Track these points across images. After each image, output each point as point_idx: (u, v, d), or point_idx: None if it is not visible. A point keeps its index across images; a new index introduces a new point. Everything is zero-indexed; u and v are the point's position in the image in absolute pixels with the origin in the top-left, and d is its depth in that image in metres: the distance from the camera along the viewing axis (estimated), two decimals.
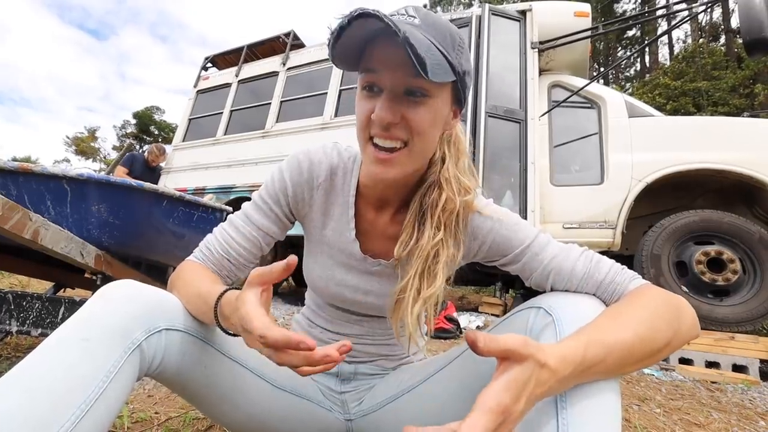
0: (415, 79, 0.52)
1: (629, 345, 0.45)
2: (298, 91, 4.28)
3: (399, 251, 0.63)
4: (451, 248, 0.62)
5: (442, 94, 0.56)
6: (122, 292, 0.51)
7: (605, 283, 0.57)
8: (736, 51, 12.54)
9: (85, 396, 0.41)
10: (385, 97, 0.54)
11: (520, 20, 3.22)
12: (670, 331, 0.49)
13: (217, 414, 0.64)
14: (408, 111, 0.54)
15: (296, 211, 0.70)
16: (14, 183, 1.31)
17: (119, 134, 32.92)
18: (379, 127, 0.55)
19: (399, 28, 0.46)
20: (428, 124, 0.56)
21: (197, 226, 1.56)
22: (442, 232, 0.61)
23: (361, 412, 0.74)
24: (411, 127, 0.55)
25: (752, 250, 2.39)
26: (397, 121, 0.54)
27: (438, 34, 0.53)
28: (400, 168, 0.58)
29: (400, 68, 0.52)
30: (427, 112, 0.55)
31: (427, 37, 0.51)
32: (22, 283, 3.44)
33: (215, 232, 0.68)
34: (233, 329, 0.51)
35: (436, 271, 0.61)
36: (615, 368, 0.45)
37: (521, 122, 2.99)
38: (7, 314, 1.26)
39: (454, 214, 0.62)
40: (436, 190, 0.62)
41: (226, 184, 4.13)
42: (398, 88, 0.54)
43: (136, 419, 1.05)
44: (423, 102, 0.55)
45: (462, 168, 0.65)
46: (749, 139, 2.59)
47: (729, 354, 2.14)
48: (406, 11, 0.54)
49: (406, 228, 0.64)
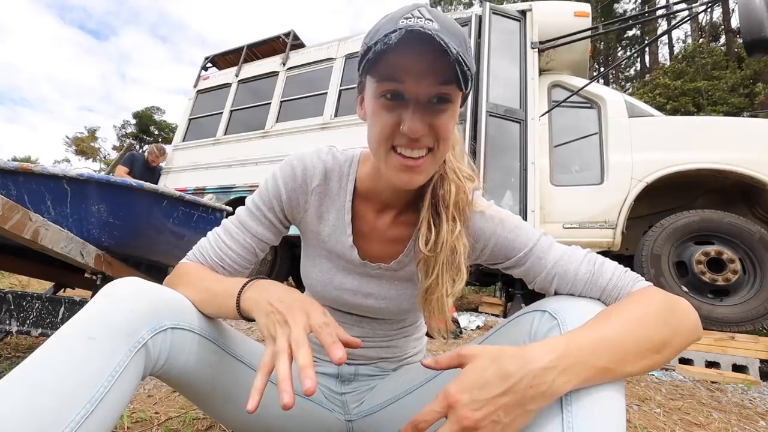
0: (442, 87, 0.52)
1: (620, 340, 0.45)
2: (298, 91, 4.28)
3: (423, 247, 0.61)
4: (465, 239, 0.62)
5: (458, 98, 0.56)
6: (128, 290, 0.50)
7: (609, 287, 0.57)
8: (736, 51, 12.54)
9: (91, 395, 0.41)
10: (413, 108, 0.52)
11: (520, 20, 3.22)
12: (669, 331, 0.48)
13: (220, 413, 0.64)
14: (434, 119, 0.54)
15: (291, 217, 0.69)
16: (14, 183, 1.31)
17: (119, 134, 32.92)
18: (407, 138, 0.54)
19: (449, 46, 0.46)
20: (451, 129, 0.56)
21: (197, 226, 1.56)
22: (459, 224, 0.61)
23: (362, 413, 0.73)
24: (438, 134, 0.54)
25: (752, 250, 2.39)
26: (426, 132, 0.54)
27: (455, 38, 0.51)
28: (426, 174, 0.58)
29: (426, 77, 0.51)
30: (450, 118, 0.55)
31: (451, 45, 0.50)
32: (22, 283, 3.44)
33: (209, 237, 0.68)
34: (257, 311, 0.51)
35: (460, 264, 0.61)
36: (615, 367, 0.44)
37: (521, 122, 2.98)
38: (7, 314, 1.26)
39: (465, 203, 0.62)
40: (445, 182, 0.62)
41: (226, 184, 4.13)
42: (424, 96, 0.53)
43: (136, 419, 1.05)
44: (447, 108, 0.54)
45: (458, 155, 0.66)
46: (749, 139, 2.59)
47: (729, 354, 2.14)
48: (422, 14, 0.51)
49: (422, 223, 0.63)
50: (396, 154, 0.55)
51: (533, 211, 2.75)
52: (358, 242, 0.68)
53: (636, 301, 0.52)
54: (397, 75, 0.52)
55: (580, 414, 0.42)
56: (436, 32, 0.47)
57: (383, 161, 0.57)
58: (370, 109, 0.57)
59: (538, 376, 0.41)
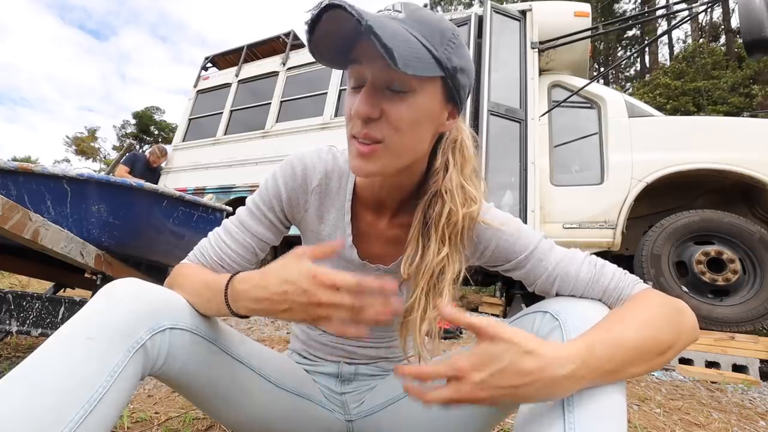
0: (395, 72, 0.48)
1: (635, 344, 0.45)
2: (298, 91, 4.28)
3: (406, 268, 0.60)
4: (457, 264, 0.60)
5: (428, 90, 0.53)
6: (126, 291, 0.50)
7: (610, 288, 0.57)
8: (736, 51, 12.55)
9: (90, 395, 0.41)
10: (365, 90, 0.52)
11: (520, 20, 3.22)
12: (674, 333, 0.49)
13: (219, 414, 0.64)
14: (388, 105, 0.51)
15: (291, 216, 0.69)
16: (14, 183, 1.31)
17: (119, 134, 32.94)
18: (359, 123, 0.52)
19: (365, 18, 0.43)
20: (408, 121, 0.52)
21: (197, 226, 1.56)
22: (447, 247, 0.59)
23: (362, 412, 0.74)
24: (389, 123, 0.52)
25: (752, 250, 2.39)
26: (376, 116, 0.51)
27: (424, 28, 0.50)
28: (379, 163, 0.54)
29: (379, 60, 0.48)
30: (407, 108, 0.52)
31: (407, 30, 0.48)
32: (22, 283, 3.44)
33: (210, 237, 0.68)
34: (246, 308, 0.52)
35: (442, 289, 0.58)
36: (621, 370, 0.45)
37: (521, 122, 2.98)
38: (7, 314, 1.26)
39: (459, 227, 0.59)
40: (439, 202, 0.60)
41: (226, 184, 4.13)
42: (378, 81, 0.51)
43: (136, 419, 1.05)
44: (404, 98, 0.51)
45: (468, 175, 0.62)
46: (749, 139, 2.59)
47: (729, 354, 2.14)
48: (393, 6, 0.51)
49: (410, 243, 0.62)
50: (354, 140, 0.55)
51: (533, 211, 2.75)
52: (358, 242, 0.68)
53: (641, 304, 0.52)
54: (358, 58, 0.52)
55: (582, 414, 0.42)
56: (388, 19, 0.48)
57: (348, 148, 0.57)
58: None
59: (555, 383, 0.42)
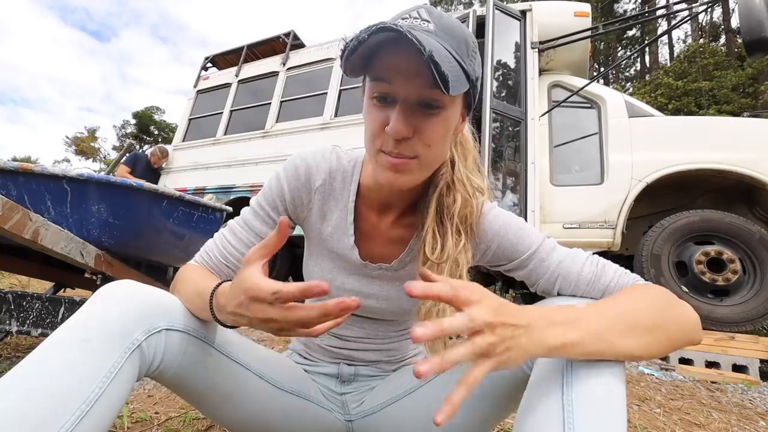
0: (431, 91, 0.50)
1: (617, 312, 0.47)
2: (298, 91, 4.27)
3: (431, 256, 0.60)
4: (469, 252, 0.61)
5: (455, 103, 0.54)
6: (122, 293, 0.51)
7: (611, 287, 0.57)
8: (737, 51, 12.54)
9: (85, 396, 0.41)
10: (399, 108, 0.51)
11: (521, 20, 3.22)
12: (659, 315, 0.48)
13: (218, 414, 0.64)
14: (422, 123, 0.52)
15: (295, 216, 0.69)
16: (14, 183, 1.31)
17: (119, 134, 32.98)
18: (390, 140, 0.53)
19: (423, 45, 0.43)
20: (440, 136, 0.54)
21: (197, 226, 1.55)
22: (464, 237, 0.60)
23: (362, 413, 0.73)
24: (423, 140, 0.53)
25: (752, 250, 2.39)
26: (410, 135, 0.52)
27: (453, 40, 0.50)
28: (412, 176, 0.56)
29: (415, 78, 0.50)
30: (440, 124, 0.53)
31: (443, 46, 0.48)
32: (22, 283, 3.44)
33: (215, 237, 0.68)
34: (230, 320, 0.50)
35: (461, 278, 0.59)
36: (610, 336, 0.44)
37: (521, 122, 2.98)
38: (7, 314, 1.26)
39: (472, 217, 0.61)
40: (451, 193, 0.61)
41: (226, 184, 4.13)
42: (412, 98, 0.51)
43: (136, 419, 1.05)
44: (437, 114, 0.53)
45: (470, 166, 0.64)
46: (749, 139, 2.58)
47: (729, 354, 2.14)
48: (419, 14, 0.50)
49: (427, 233, 0.62)
50: (384, 154, 0.55)
51: (533, 211, 2.75)
52: (360, 243, 0.68)
53: (632, 291, 0.53)
54: (387, 75, 0.51)
55: (581, 411, 0.42)
56: (423, 32, 0.47)
57: (374, 160, 0.57)
58: (364, 109, 0.57)
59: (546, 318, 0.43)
